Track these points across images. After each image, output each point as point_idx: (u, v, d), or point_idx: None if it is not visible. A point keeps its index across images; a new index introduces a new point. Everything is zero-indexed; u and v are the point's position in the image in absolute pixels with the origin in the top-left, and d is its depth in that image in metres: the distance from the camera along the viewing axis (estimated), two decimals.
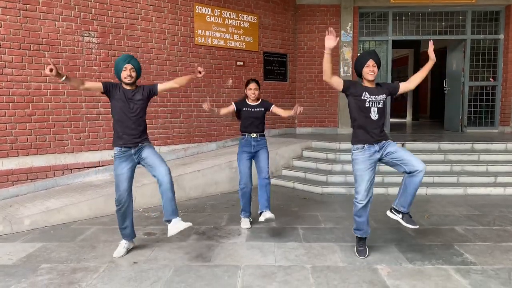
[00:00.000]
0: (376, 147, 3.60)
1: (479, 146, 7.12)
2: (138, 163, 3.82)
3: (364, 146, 3.60)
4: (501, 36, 9.22)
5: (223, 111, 4.58)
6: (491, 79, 9.43)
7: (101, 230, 4.54)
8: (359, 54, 9.29)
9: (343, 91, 3.70)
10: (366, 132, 3.59)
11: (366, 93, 3.57)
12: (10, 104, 5.46)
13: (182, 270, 3.45)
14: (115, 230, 4.53)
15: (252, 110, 4.56)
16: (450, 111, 9.88)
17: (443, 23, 9.43)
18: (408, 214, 3.67)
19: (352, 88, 3.63)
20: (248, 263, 3.60)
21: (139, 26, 6.68)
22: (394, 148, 3.60)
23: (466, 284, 3.14)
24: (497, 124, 9.43)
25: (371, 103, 3.56)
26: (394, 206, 3.72)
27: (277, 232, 4.46)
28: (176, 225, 3.65)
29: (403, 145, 7.14)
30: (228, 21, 7.92)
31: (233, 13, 7.99)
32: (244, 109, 4.57)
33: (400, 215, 3.68)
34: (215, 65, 7.77)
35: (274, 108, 4.64)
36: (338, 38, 3.51)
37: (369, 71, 3.55)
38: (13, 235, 4.38)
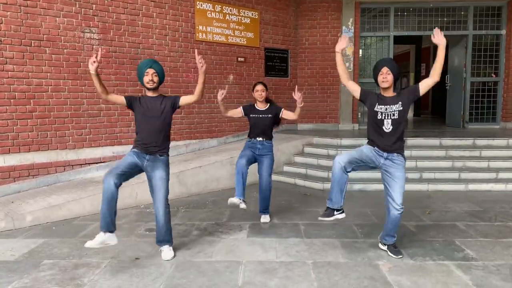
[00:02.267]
0: (384, 154, 3.56)
1: (481, 142, 7.10)
2: (145, 170, 3.64)
3: (375, 147, 3.60)
4: (503, 32, 9.17)
5: (230, 112, 4.52)
6: (493, 75, 9.40)
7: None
8: (360, 50, 9.32)
9: (360, 99, 3.69)
10: (377, 144, 3.57)
11: (379, 104, 3.51)
12: (12, 100, 5.47)
13: (183, 266, 3.46)
14: (117, 226, 4.54)
15: (260, 116, 4.46)
16: (452, 107, 9.86)
17: (445, 19, 9.38)
18: (392, 245, 3.67)
19: (368, 98, 3.62)
20: (249, 258, 3.61)
21: (140, 22, 6.66)
22: (393, 171, 3.52)
23: (467, 280, 3.14)
24: (499, 120, 9.40)
25: (383, 115, 3.49)
26: (382, 240, 3.78)
27: (278, 228, 4.47)
28: (165, 254, 3.63)
29: (404, 141, 7.12)
30: (229, 16, 7.90)
31: (234, 9, 7.97)
32: (251, 115, 4.49)
33: (385, 247, 3.72)
34: (216, 61, 7.76)
35: (284, 113, 4.54)
36: (350, 42, 3.51)
37: (383, 78, 3.48)
38: (15, 231, 4.40)
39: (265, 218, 4.71)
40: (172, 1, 7.05)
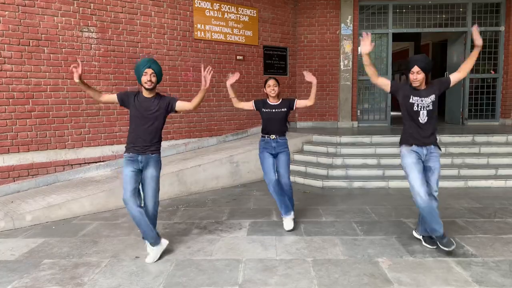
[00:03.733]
0: (424, 150, 3.57)
1: (480, 138, 7.10)
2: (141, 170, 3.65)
3: (412, 145, 3.59)
4: (502, 28, 9.16)
5: (240, 104, 4.42)
6: (492, 72, 9.40)
7: (102, 225, 4.55)
8: (359, 47, 9.30)
9: (391, 92, 3.71)
10: (415, 136, 3.58)
11: (414, 96, 3.53)
12: (10, 100, 5.46)
13: (183, 264, 3.46)
14: (116, 225, 4.56)
15: (273, 111, 4.36)
16: (451, 103, 9.85)
17: (444, 16, 9.37)
18: (436, 238, 3.62)
19: (400, 91, 3.63)
20: (249, 256, 3.61)
21: (138, 21, 6.65)
22: (433, 165, 3.57)
23: (467, 276, 3.15)
24: (498, 117, 9.40)
25: (419, 106, 3.53)
26: (420, 233, 3.84)
27: (278, 226, 4.47)
28: (151, 254, 3.61)
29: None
30: (228, 15, 7.89)
31: (233, 7, 7.95)
32: (263, 109, 4.38)
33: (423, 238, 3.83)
34: (215, 59, 7.75)
35: (298, 103, 4.44)
36: (373, 43, 3.53)
37: (413, 78, 3.50)
38: (15, 231, 4.40)
39: (288, 223, 4.34)
40: (170, 0, 7.04)
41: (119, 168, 6.32)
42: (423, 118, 3.54)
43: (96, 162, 6.23)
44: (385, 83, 3.70)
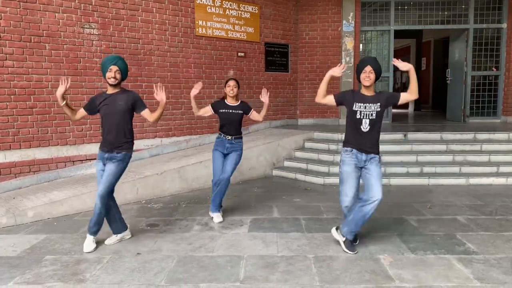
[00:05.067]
0: (364, 156, 3.54)
1: (482, 136, 7.10)
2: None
3: (352, 150, 3.56)
4: (504, 25, 9.13)
5: (200, 111, 4.51)
6: (493, 69, 9.37)
7: (104, 222, 4.55)
8: (361, 44, 9.29)
9: (338, 105, 3.71)
10: (356, 143, 3.55)
11: (358, 102, 3.50)
12: (12, 96, 5.46)
13: (185, 261, 3.47)
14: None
15: (230, 111, 4.47)
16: (453, 101, 9.84)
17: (446, 13, 9.34)
18: (350, 241, 3.64)
19: (345, 99, 3.63)
20: (250, 253, 3.62)
21: (139, 17, 6.64)
22: (373, 168, 3.50)
23: (468, 273, 3.15)
24: (500, 114, 9.38)
25: (362, 114, 3.49)
26: (341, 230, 3.70)
27: (279, 222, 4.47)
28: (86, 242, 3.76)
29: (405, 136, 7.13)
30: (229, 11, 7.87)
31: (234, 4, 7.93)
32: (221, 110, 4.49)
33: (344, 238, 3.66)
34: (216, 56, 7.73)
35: (252, 114, 4.56)
36: (343, 70, 3.62)
37: (365, 77, 3.49)
38: (16, 227, 4.41)
39: (218, 217, 4.54)
40: None
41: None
42: (365, 126, 3.50)
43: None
44: (329, 99, 3.70)
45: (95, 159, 6.16)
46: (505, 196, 5.42)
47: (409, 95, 3.53)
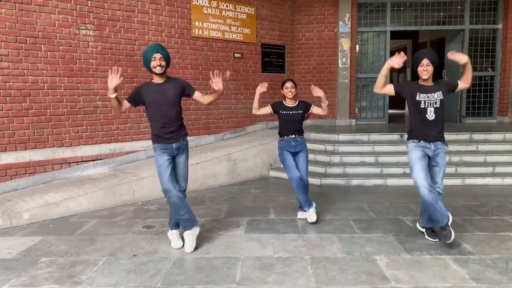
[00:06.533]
0: (432, 146, 3.65)
1: (478, 136, 7.12)
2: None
3: (420, 141, 3.66)
4: (500, 26, 9.17)
5: (260, 111, 4.50)
6: (489, 69, 9.41)
7: (100, 223, 4.55)
8: (357, 45, 9.30)
9: (397, 94, 3.75)
10: (422, 133, 3.64)
11: (421, 93, 3.58)
12: (7, 98, 5.44)
13: (181, 262, 3.46)
14: (114, 223, 4.56)
15: (290, 113, 4.44)
16: (448, 101, 9.82)
17: (442, 13, 9.37)
18: (431, 229, 3.85)
19: (405, 90, 3.69)
20: (247, 254, 3.61)
21: (135, 19, 6.63)
22: (440, 161, 3.68)
23: (464, 274, 3.16)
24: (496, 114, 9.42)
25: (426, 103, 3.58)
26: (422, 225, 3.95)
27: (276, 223, 4.47)
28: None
29: (401, 136, 7.14)
30: (225, 12, 7.87)
31: (230, 5, 7.94)
32: (281, 111, 4.46)
33: (424, 229, 3.94)
34: (213, 57, 7.73)
35: (314, 109, 4.56)
36: (404, 59, 3.54)
37: (423, 70, 3.57)
38: (12, 229, 4.39)
39: (311, 217, 4.41)
40: None
41: (116, 166, 6.31)
42: (430, 115, 3.60)
43: (93, 160, 6.22)
44: (389, 89, 3.74)
45: (91, 160, 6.18)
46: (501, 196, 5.44)
47: (465, 84, 3.73)
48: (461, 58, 3.57)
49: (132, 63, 6.57)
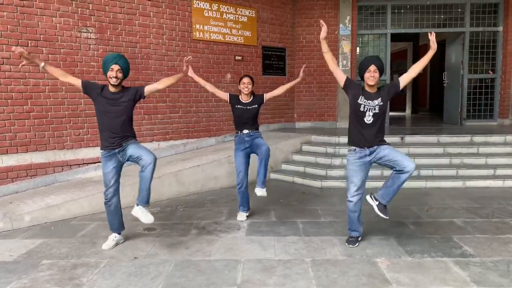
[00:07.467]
0: (367, 151, 3.66)
1: (478, 138, 7.12)
2: (127, 160, 3.83)
3: (356, 149, 3.70)
4: (500, 28, 9.18)
5: (214, 89, 4.61)
6: (490, 72, 9.41)
7: (101, 226, 4.55)
8: (358, 48, 9.32)
9: (343, 87, 3.79)
10: (359, 133, 3.67)
11: (363, 97, 3.63)
12: (9, 100, 5.45)
13: (182, 265, 3.46)
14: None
15: (245, 108, 4.53)
16: (449, 104, 9.87)
17: (442, 16, 9.39)
18: (384, 205, 3.79)
19: (352, 89, 3.71)
20: (248, 257, 3.61)
21: (137, 21, 6.65)
22: (386, 152, 3.61)
23: (465, 276, 3.16)
24: (496, 117, 9.41)
25: (366, 108, 3.62)
26: (376, 195, 3.83)
27: (276, 226, 4.47)
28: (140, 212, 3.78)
29: (402, 139, 7.14)
30: (226, 15, 7.89)
31: (231, 7, 7.96)
32: (236, 106, 4.55)
33: (377, 202, 3.80)
34: (214, 60, 7.75)
35: (267, 96, 4.65)
36: (327, 29, 3.83)
37: (370, 76, 3.60)
38: (13, 232, 4.39)
39: (261, 191, 4.53)
40: (168, 0, 7.04)
41: None
42: (368, 118, 3.62)
43: (94, 163, 6.22)
44: (341, 76, 3.76)
45: (92, 163, 6.19)
46: (501, 199, 5.44)
47: (412, 73, 3.73)
48: (433, 44, 3.68)
49: (133, 66, 6.57)
